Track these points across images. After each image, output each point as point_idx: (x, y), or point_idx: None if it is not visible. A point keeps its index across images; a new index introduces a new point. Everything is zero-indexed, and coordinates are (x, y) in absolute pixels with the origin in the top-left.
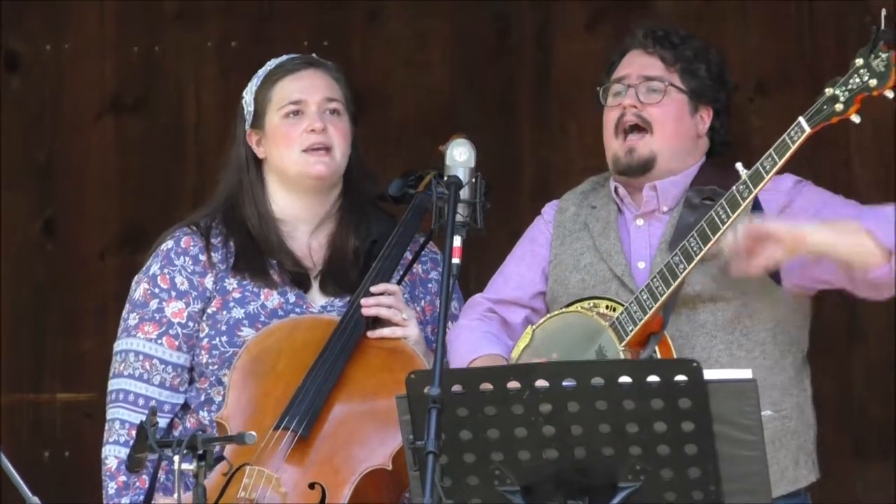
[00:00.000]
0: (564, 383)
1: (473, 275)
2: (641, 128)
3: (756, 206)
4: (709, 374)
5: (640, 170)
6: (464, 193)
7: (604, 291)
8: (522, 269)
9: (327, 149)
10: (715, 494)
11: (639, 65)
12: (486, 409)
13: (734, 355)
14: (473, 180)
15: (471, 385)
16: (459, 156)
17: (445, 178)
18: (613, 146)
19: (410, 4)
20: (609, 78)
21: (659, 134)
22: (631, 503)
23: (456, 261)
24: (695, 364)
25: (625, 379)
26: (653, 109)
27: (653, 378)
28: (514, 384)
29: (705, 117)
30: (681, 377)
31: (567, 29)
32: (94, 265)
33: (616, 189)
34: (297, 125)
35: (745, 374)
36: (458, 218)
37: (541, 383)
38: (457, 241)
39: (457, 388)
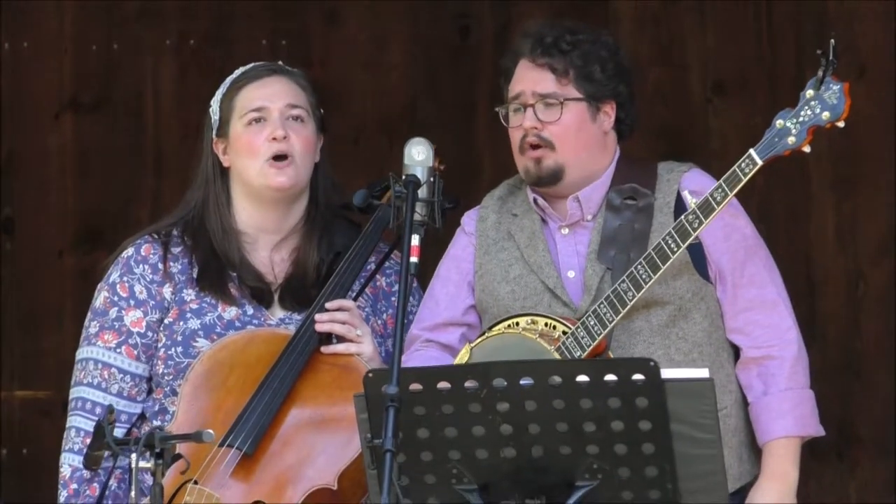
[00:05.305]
0: (522, 382)
1: (431, 273)
2: (545, 145)
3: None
4: (666, 373)
5: (549, 180)
6: (422, 192)
7: (536, 303)
8: (450, 288)
9: (289, 157)
10: (672, 493)
11: (531, 80)
12: (443, 407)
13: (673, 359)
14: (431, 179)
15: (428, 384)
16: (417, 154)
17: (403, 178)
18: (520, 161)
19: (369, 5)
20: (506, 82)
21: (562, 149)
22: (588, 502)
23: (414, 259)
24: (652, 363)
25: (582, 378)
26: (552, 128)
27: (610, 377)
28: (471, 383)
29: (609, 112)
30: (638, 376)
31: None
32: (52, 264)
33: (535, 200)
34: (259, 133)
35: (702, 373)
36: (416, 217)
37: (498, 382)
38: (415, 240)
39: (414, 386)
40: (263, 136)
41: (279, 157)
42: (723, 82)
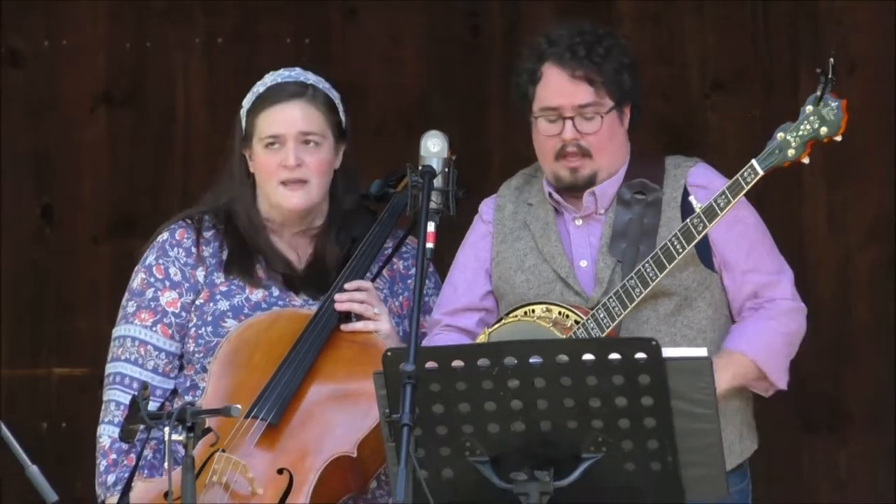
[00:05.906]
0: (531, 360)
1: (447, 259)
2: (583, 154)
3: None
4: (667, 351)
5: (584, 186)
6: (437, 182)
7: (549, 291)
8: (468, 275)
9: (301, 182)
10: (672, 465)
11: (569, 93)
12: (457, 384)
13: (678, 345)
14: (446, 170)
15: (443, 362)
16: (433, 146)
17: (420, 168)
18: (553, 167)
19: (386, 4)
20: (531, 83)
21: (598, 157)
22: (593, 473)
23: (430, 245)
24: (654, 343)
25: (588, 356)
26: (591, 138)
27: (614, 355)
28: (483, 361)
29: (628, 113)
30: (640, 355)
31: (535, 27)
32: (87, 249)
33: (550, 194)
34: (275, 156)
35: (701, 352)
36: (432, 205)
37: (509, 360)
38: (430, 227)
39: (430, 364)
40: (278, 161)
41: (293, 181)
42: (721, 79)
